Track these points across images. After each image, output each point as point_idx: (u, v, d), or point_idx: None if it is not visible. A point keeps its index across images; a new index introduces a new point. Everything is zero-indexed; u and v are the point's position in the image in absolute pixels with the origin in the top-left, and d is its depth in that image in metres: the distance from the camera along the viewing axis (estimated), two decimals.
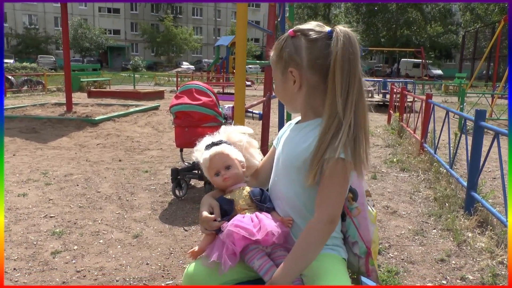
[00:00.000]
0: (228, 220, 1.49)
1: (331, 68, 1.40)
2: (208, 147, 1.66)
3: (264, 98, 4.94)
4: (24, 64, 25.01)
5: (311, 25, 1.50)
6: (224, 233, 1.45)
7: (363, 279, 1.76)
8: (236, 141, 1.71)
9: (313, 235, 1.36)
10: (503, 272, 2.91)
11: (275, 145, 1.73)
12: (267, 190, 1.65)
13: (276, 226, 1.47)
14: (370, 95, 15.99)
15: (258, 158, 1.75)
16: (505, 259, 3.04)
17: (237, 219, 1.48)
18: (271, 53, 1.56)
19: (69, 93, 10.68)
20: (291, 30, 1.50)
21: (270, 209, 1.56)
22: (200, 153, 1.69)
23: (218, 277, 1.46)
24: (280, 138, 1.69)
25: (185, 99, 4.21)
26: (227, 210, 1.55)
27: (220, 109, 4.37)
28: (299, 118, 1.67)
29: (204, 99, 4.21)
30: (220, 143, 1.66)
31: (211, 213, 1.54)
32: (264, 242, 1.44)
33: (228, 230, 1.44)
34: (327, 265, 1.47)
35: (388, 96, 13.65)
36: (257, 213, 1.52)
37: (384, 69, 46.81)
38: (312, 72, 1.45)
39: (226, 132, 1.74)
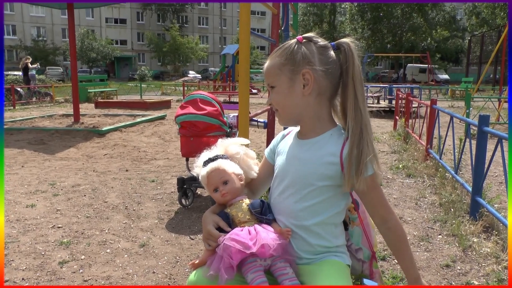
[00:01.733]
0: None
1: (350, 81, 1.47)
2: (205, 163, 1.67)
3: (269, 106, 4.98)
4: None
5: (313, 34, 1.54)
6: (220, 247, 1.47)
7: (365, 280, 1.80)
8: (233, 154, 1.71)
9: (403, 233, 1.55)
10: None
11: (269, 157, 1.75)
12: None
13: (273, 238, 1.48)
14: (376, 101, 16.00)
15: (256, 170, 1.75)
16: None
17: (234, 232, 1.50)
18: (271, 60, 1.54)
19: (76, 104, 10.80)
20: (299, 36, 1.52)
21: (271, 221, 1.57)
22: (199, 169, 1.70)
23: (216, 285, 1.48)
24: (278, 151, 1.69)
25: (190, 109, 4.26)
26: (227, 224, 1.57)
27: (225, 118, 4.41)
28: (294, 129, 1.69)
29: (209, 108, 4.25)
30: (216, 159, 1.66)
31: (217, 229, 1.56)
32: (261, 254, 1.45)
33: (224, 244, 1.46)
34: (330, 269, 1.51)
35: (394, 102, 13.63)
36: (256, 225, 1.53)
37: (390, 74, 46.75)
38: (324, 77, 1.48)
39: (223, 145, 1.74)
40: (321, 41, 1.52)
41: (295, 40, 1.51)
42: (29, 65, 18.76)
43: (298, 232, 1.55)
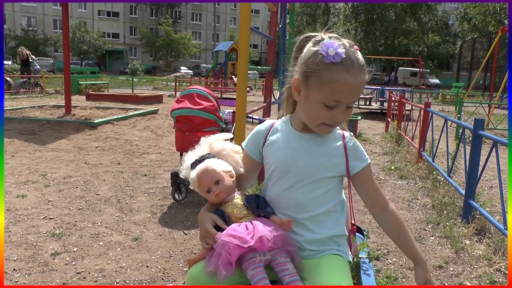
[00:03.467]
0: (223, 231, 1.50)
1: None
2: (193, 165, 1.64)
3: (265, 104, 4.97)
4: None
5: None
6: (218, 243, 1.46)
7: (364, 277, 1.82)
8: (219, 151, 1.69)
9: (400, 217, 1.60)
10: (500, 280, 2.93)
11: (252, 153, 1.71)
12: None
13: (270, 230, 1.47)
14: (368, 102, 16.08)
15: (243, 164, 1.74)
16: (503, 267, 3.07)
17: (232, 228, 1.49)
18: (362, 77, 1.43)
19: (68, 95, 10.68)
20: (356, 46, 1.49)
21: (269, 214, 1.56)
22: (187, 171, 1.67)
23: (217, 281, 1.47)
24: (268, 145, 1.66)
25: (186, 104, 4.23)
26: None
27: (220, 114, 4.40)
28: (276, 122, 1.69)
29: (205, 103, 4.23)
30: (203, 159, 1.64)
31: (214, 227, 1.55)
32: (259, 248, 1.44)
33: (221, 240, 1.45)
34: (331, 265, 1.52)
35: (385, 104, 13.71)
36: (254, 220, 1.52)
37: (382, 77, 46.99)
38: None
39: (207, 143, 1.72)
40: None
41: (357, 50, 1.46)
42: (31, 56, 18.67)
43: (305, 223, 1.56)
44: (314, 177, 1.55)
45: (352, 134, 1.62)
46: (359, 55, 1.43)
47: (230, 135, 1.77)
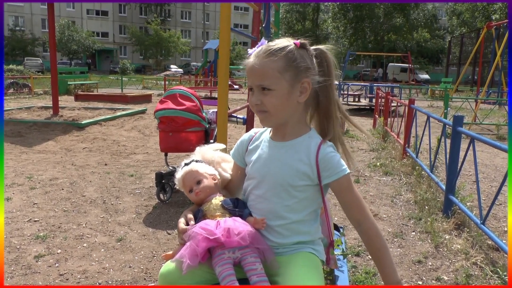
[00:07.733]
0: None
1: (330, 86, 1.57)
2: (182, 168, 1.75)
3: (248, 103, 5.01)
4: (11, 66, 24.85)
5: (305, 40, 1.57)
6: (187, 234, 1.54)
7: (337, 273, 1.87)
8: (209, 158, 1.79)
9: (379, 233, 1.56)
10: (476, 273, 3.00)
11: (237, 161, 1.77)
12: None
13: (240, 225, 1.52)
14: (357, 99, 16.16)
15: (231, 172, 1.81)
16: (479, 260, 3.14)
17: (204, 222, 1.56)
18: (267, 61, 1.48)
19: (55, 96, 10.65)
20: (296, 41, 1.52)
21: (245, 214, 1.61)
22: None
23: (187, 276, 1.51)
24: (248, 154, 1.71)
25: (169, 104, 4.26)
26: (200, 220, 1.62)
27: (204, 114, 4.42)
28: (259, 131, 1.73)
29: (188, 104, 4.26)
30: (190, 163, 1.75)
31: (187, 224, 1.61)
32: (227, 243, 1.48)
33: (191, 231, 1.52)
34: (302, 261, 1.55)
35: (374, 100, 13.78)
36: (227, 218, 1.58)
37: (372, 73, 47.16)
38: (315, 85, 1.54)
39: (200, 152, 1.83)
40: (312, 49, 1.56)
41: (292, 44, 1.51)
42: None
43: (278, 230, 1.59)
44: (285, 185, 1.56)
45: (333, 145, 1.59)
46: (284, 47, 1.49)
47: (222, 146, 1.87)
